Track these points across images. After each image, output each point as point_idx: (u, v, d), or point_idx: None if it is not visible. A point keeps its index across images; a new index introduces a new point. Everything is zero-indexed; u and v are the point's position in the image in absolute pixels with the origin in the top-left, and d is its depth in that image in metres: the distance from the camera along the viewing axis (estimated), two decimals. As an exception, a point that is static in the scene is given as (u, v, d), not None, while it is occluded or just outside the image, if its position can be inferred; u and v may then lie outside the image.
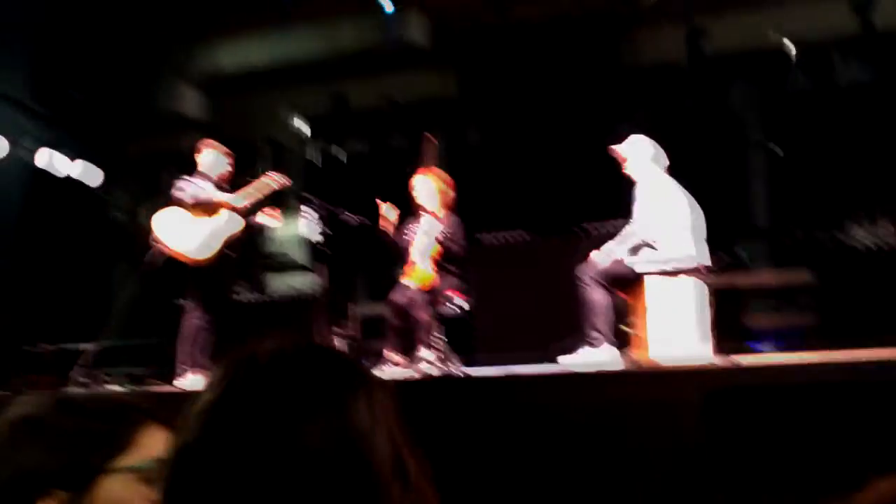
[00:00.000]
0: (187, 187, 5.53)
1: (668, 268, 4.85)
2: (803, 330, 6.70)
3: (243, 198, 5.65)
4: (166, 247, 5.43)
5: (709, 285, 4.91)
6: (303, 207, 5.62)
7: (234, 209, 5.59)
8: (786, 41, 8.88)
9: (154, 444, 1.17)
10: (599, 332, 4.91)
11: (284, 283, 9.44)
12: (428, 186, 5.81)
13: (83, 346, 6.89)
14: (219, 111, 11.69)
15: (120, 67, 10.20)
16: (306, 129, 10.40)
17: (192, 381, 5.46)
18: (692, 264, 4.86)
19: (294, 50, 10.76)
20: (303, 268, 9.16)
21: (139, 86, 10.58)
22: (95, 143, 9.61)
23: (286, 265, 9.32)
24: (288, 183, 5.84)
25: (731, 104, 9.42)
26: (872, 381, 3.56)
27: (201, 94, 11.53)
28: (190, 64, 11.20)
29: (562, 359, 5.03)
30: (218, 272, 5.55)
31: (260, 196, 5.71)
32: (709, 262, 4.92)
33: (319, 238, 5.65)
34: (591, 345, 4.91)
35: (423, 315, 5.37)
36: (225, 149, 5.83)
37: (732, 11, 9.63)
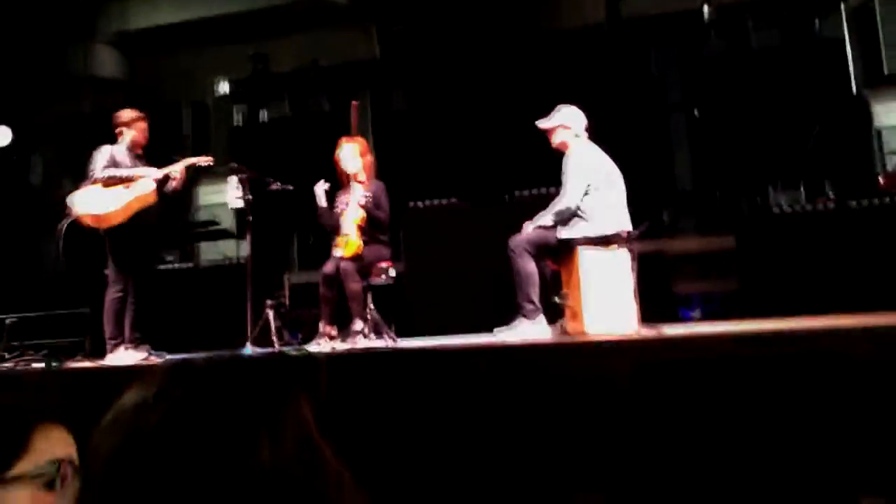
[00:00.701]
0: (101, 163, 5.32)
1: (599, 237, 4.85)
2: (727, 295, 6.87)
3: (162, 172, 5.42)
4: (80, 216, 5.28)
5: (636, 252, 4.93)
6: (229, 178, 5.37)
7: (156, 179, 5.39)
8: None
9: (50, 446, 1.13)
10: (533, 303, 4.89)
11: (215, 251, 9.19)
12: (353, 154, 5.64)
13: (6, 317, 6.60)
14: (138, 72, 11.15)
15: (32, 27, 9.55)
16: (227, 90, 10.07)
17: (120, 356, 5.32)
18: (622, 232, 4.87)
19: (212, 7, 10.30)
20: (233, 236, 8.90)
21: (53, 46, 9.95)
22: (6, 106, 9.01)
23: (216, 233, 9.03)
24: (212, 161, 5.58)
25: (650, 68, 9.44)
26: (791, 352, 3.64)
27: (118, 54, 10.94)
28: (105, 23, 10.61)
29: (497, 331, 5.01)
30: (136, 239, 5.37)
31: (181, 168, 5.47)
32: (631, 229, 4.94)
33: (244, 205, 5.43)
34: (526, 316, 4.89)
35: (354, 285, 5.25)
36: (138, 113, 5.54)
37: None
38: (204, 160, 5.62)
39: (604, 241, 4.85)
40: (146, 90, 10.82)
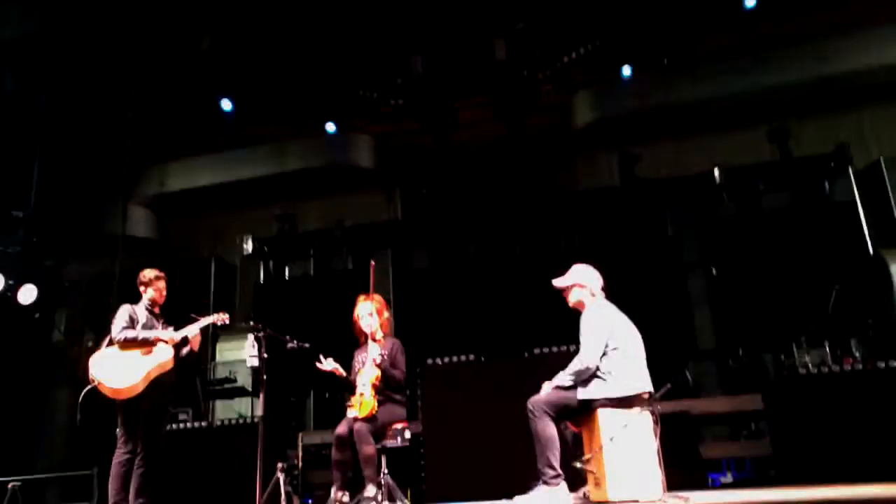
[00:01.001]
0: (119, 325, 5.37)
1: (620, 398, 4.68)
2: (758, 459, 6.55)
3: (179, 334, 5.45)
4: (99, 384, 5.20)
5: (658, 415, 4.74)
6: (249, 336, 5.34)
7: (166, 342, 5.39)
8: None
9: None
10: (553, 468, 4.65)
11: (230, 409, 9.04)
12: (370, 311, 5.62)
13: (11, 480, 6.42)
14: (169, 231, 11.51)
15: (67, 187, 10.00)
16: (252, 249, 10.31)
17: None
18: (643, 393, 4.70)
19: (245, 170, 10.76)
20: (248, 393, 8.78)
21: (87, 206, 10.36)
22: (36, 264, 9.25)
23: (231, 391, 8.91)
24: (227, 320, 5.60)
25: (666, 228, 9.56)
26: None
27: (152, 215, 11.34)
28: (143, 185, 11.09)
29: (518, 499, 4.75)
30: (149, 403, 5.28)
31: (197, 331, 5.48)
32: (652, 389, 4.77)
33: (258, 364, 5.36)
34: (546, 483, 4.63)
35: (367, 448, 5.05)
36: (157, 273, 5.66)
37: (663, 140, 10.01)
38: (220, 319, 5.64)
39: (625, 402, 4.68)
40: (176, 249, 11.13)
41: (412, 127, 10.05)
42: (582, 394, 4.77)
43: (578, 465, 4.53)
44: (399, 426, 5.28)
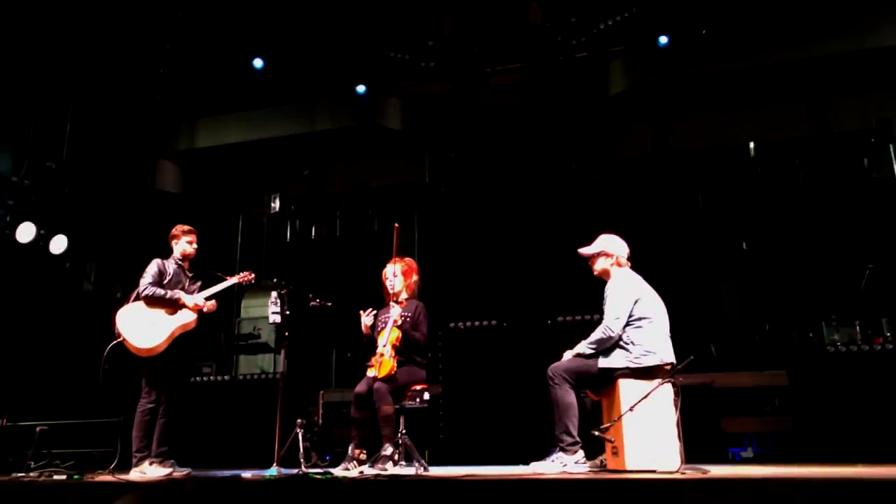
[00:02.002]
0: (147, 279, 5.44)
1: (641, 368, 4.61)
2: (781, 435, 6.45)
3: (202, 296, 5.50)
4: (125, 340, 5.30)
5: (679, 386, 4.65)
6: (272, 293, 5.33)
7: (191, 308, 5.45)
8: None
9: None
10: (571, 435, 4.61)
11: (253, 364, 9.14)
12: (397, 273, 5.58)
13: (38, 424, 6.54)
14: (198, 187, 11.56)
15: (99, 140, 10.05)
16: (280, 208, 10.32)
17: (144, 470, 5.22)
18: (664, 364, 4.62)
19: (275, 129, 10.73)
20: (271, 350, 8.84)
21: (118, 159, 10.41)
22: (67, 215, 9.35)
23: (255, 346, 8.98)
24: (253, 279, 5.62)
25: (697, 200, 9.39)
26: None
27: (181, 170, 11.39)
28: (173, 141, 11.13)
29: (535, 465, 4.72)
30: (173, 356, 5.37)
31: (219, 290, 5.52)
32: (674, 361, 4.69)
33: (281, 321, 5.36)
34: (564, 450, 4.60)
35: (386, 408, 5.04)
36: (187, 227, 5.70)
37: (698, 112, 9.79)
38: (245, 278, 5.66)
39: (646, 372, 4.60)
40: (205, 205, 11.18)
41: (442, 90, 9.93)
42: (603, 362, 4.71)
43: (597, 433, 4.47)
44: (418, 388, 5.26)
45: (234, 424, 7.32)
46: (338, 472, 4.92)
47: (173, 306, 5.40)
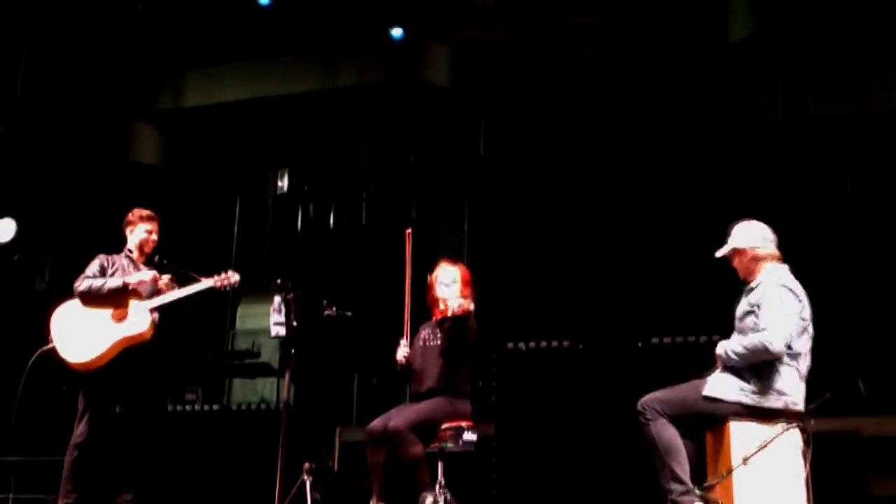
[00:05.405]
0: (84, 274, 5.56)
1: (762, 408, 4.58)
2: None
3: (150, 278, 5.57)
4: (54, 347, 5.48)
5: (814, 433, 4.62)
6: (275, 298, 5.40)
7: (135, 285, 5.50)
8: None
9: None
10: (681, 481, 4.58)
11: (251, 392, 9.29)
12: (453, 280, 5.62)
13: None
14: (185, 158, 11.72)
15: (59, 99, 10.28)
16: (289, 187, 10.44)
17: None
18: (793, 407, 4.59)
19: (283, 84, 10.83)
20: (274, 373, 8.99)
21: (83, 122, 10.64)
22: (17, 193, 9.58)
23: (253, 367, 9.15)
24: (236, 283, 5.69)
25: (845, 183, 9.26)
26: None
27: (163, 137, 11.58)
28: (153, 99, 11.32)
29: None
30: (118, 377, 5.45)
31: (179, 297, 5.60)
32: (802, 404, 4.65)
33: (285, 334, 5.42)
34: (677, 503, 4.59)
35: (413, 449, 5.10)
36: (142, 214, 5.80)
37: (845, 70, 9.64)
38: (225, 282, 5.69)
39: (767, 412, 4.57)
40: (192, 182, 11.36)
41: (503, 35, 9.94)
42: (709, 389, 4.69)
43: (698, 492, 4.46)
44: (461, 424, 5.29)
45: (225, 468, 7.44)
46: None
47: (120, 305, 5.47)
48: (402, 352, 5.59)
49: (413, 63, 10.47)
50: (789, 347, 4.60)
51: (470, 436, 5.26)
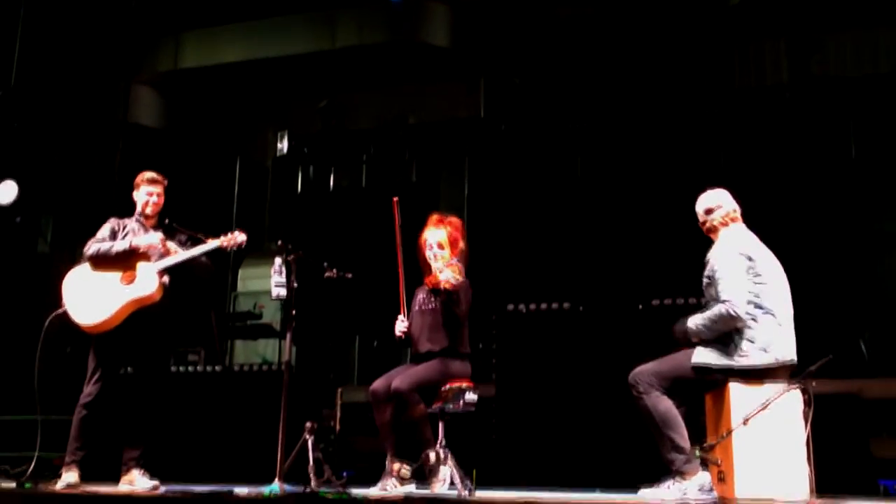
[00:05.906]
0: (95, 238, 5.64)
1: (754, 368, 4.59)
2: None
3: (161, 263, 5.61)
4: (66, 311, 5.56)
5: (815, 395, 4.63)
6: (276, 259, 5.41)
7: (144, 249, 5.55)
8: None
9: None
10: (683, 451, 4.61)
11: (253, 352, 9.33)
12: (439, 242, 5.59)
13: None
14: (183, 119, 11.71)
15: (57, 62, 10.23)
16: (288, 149, 10.41)
17: (67, 479, 5.42)
18: (782, 363, 4.60)
19: (281, 45, 10.78)
20: (276, 334, 9.00)
21: (81, 84, 10.60)
22: (18, 155, 9.58)
23: (255, 329, 9.17)
24: (243, 242, 5.70)
25: (850, 146, 9.22)
26: None
27: (162, 98, 11.55)
28: (152, 60, 11.27)
29: (644, 492, 4.76)
30: (128, 338, 5.56)
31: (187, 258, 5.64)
32: (794, 358, 4.65)
33: (285, 295, 5.43)
34: (682, 473, 4.59)
35: (421, 406, 5.17)
36: (149, 176, 5.81)
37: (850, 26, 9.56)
38: (231, 242, 5.74)
39: (761, 374, 4.59)
40: (192, 144, 11.34)
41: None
42: (698, 356, 4.70)
43: (698, 452, 4.49)
44: (462, 385, 5.31)
45: (227, 428, 7.50)
46: (373, 491, 5.04)
47: (128, 267, 5.54)
48: (401, 326, 5.62)
49: (412, 23, 10.40)
50: (759, 306, 4.62)
51: (471, 396, 5.28)
